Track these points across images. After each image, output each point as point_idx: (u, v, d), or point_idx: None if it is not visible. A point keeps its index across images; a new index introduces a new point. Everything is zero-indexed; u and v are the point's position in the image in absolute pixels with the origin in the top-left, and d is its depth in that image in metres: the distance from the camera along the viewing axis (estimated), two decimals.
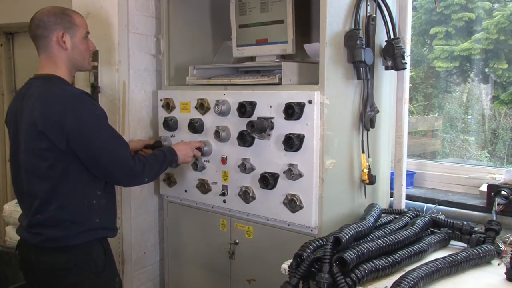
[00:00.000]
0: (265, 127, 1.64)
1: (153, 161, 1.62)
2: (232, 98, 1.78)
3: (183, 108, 1.96)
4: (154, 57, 2.14)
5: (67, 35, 1.49)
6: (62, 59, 1.50)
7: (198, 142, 1.82)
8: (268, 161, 1.69)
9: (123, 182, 1.58)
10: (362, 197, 1.76)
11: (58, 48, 1.49)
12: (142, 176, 1.56)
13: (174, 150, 1.74)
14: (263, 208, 1.72)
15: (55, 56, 1.49)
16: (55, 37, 1.48)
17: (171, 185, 2.05)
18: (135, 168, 1.52)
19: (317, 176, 1.58)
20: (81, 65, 1.55)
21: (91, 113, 1.45)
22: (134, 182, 1.60)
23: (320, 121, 1.56)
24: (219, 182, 1.86)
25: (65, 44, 1.49)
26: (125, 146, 1.52)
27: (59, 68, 1.50)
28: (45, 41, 1.49)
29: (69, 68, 1.52)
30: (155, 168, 1.63)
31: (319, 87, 1.56)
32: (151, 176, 1.62)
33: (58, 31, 1.48)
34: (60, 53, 1.49)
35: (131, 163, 1.51)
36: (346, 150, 1.69)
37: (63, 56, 1.50)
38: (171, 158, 1.71)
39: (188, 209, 2.02)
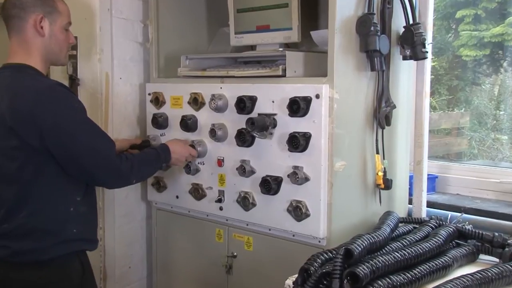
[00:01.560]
0: (266, 124, 1.67)
1: (143, 160, 1.63)
2: (229, 92, 1.82)
3: (174, 103, 1.99)
4: (141, 46, 2.18)
5: (46, 20, 1.48)
6: (37, 46, 1.49)
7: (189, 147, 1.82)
8: (270, 163, 1.72)
9: (108, 183, 1.58)
10: (377, 204, 1.79)
11: (33, 33, 1.48)
12: (130, 176, 1.56)
13: (168, 148, 1.74)
14: (264, 216, 1.76)
15: (29, 42, 1.47)
16: (32, 20, 1.47)
17: (161, 190, 2.08)
18: (122, 167, 1.51)
19: (325, 180, 1.61)
20: (57, 57, 1.54)
21: (69, 106, 1.43)
22: (120, 183, 1.60)
23: (329, 118, 1.60)
24: (214, 187, 1.89)
25: (43, 30, 1.48)
26: (109, 143, 1.52)
27: (32, 57, 1.49)
28: (20, 23, 1.47)
29: (44, 58, 1.51)
30: (145, 168, 1.63)
31: (327, 80, 1.60)
32: (140, 177, 1.63)
33: (36, 14, 1.47)
34: (35, 39, 1.48)
35: (116, 161, 1.50)
36: (358, 150, 1.73)
37: (38, 43, 1.49)
38: (164, 158, 1.72)
39: (179, 218, 2.06)
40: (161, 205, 2.13)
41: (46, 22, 1.49)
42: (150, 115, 2.06)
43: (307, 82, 1.64)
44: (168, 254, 2.13)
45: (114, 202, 2.13)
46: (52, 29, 1.50)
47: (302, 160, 1.64)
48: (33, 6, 1.47)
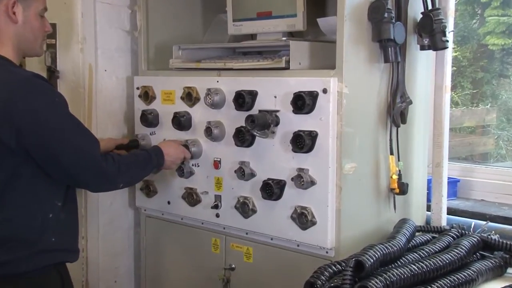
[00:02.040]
0: (268, 122, 1.71)
1: (132, 162, 1.65)
2: (227, 86, 1.86)
3: (165, 98, 2.04)
4: (129, 34, 2.21)
5: (19, 5, 1.49)
6: (9, 34, 1.50)
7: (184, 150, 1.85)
8: (272, 165, 1.76)
9: (91, 185, 1.58)
10: (391, 210, 1.84)
11: (5, 19, 1.49)
12: (117, 179, 1.57)
13: (161, 150, 1.76)
14: (266, 224, 1.80)
15: (0, 29, 1.49)
16: (4, 5, 1.47)
17: (151, 195, 2.13)
18: (107, 169, 1.52)
19: (333, 184, 1.66)
20: (31, 46, 1.54)
21: (48, 100, 1.43)
22: (105, 186, 1.61)
23: (338, 115, 1.64)
24: (210, 192, 1.94)
25: (15, 16, 1.49)
26: (93, 141, 1.54)
27: (4, 45, 1.49)
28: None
29: (16, 48, 1.51)
30: (134, 171, 1.65)
31: (336, 73, 1.64)
32: (128, 181, 1.65)
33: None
34: (7, 26, 1.49)
35: (101, 162, 1.51)
36: (370, 151, 1.77)
37: (11, 30, 1.50)
38: (157, 161, 1.74)
39: (171, 226, 2.10)
40: (151, 212, 2.17)
41: (19, 7, 1.49)
42: (138, 112, 2.10)
43: (313, 75, 1.68)
44: (159, 267, 2.17)
45: (98, 208, 2.17)
46: (26, 15, 1.50)
47: (307, 161, 1.68)
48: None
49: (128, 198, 2.27)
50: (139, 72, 2.17)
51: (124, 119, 2.23)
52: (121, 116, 2.23)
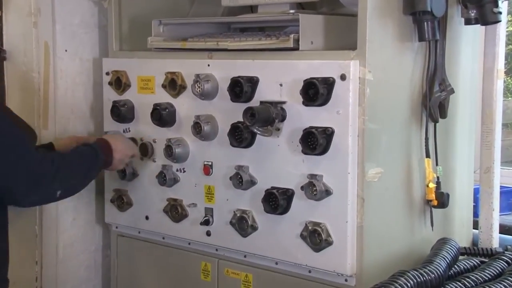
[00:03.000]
0: (272, 117, 1.76)
1: (74, 160, 1.62)
2: (220, 71, 1.91)
3: (143, 86, 2.09)
4: (96, 5, 2.26)
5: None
6: None
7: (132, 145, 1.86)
8: (277, 170, 1.82)
9: (19, 192, 1.49)
10: (427, 227, 1.89)
11: None
12: (53, 182, 1.53)
13: (109, 145, 1.76)
14: (269, 244, 1.85)
15: None
16: None
17: (124, 209, 2.19)
18: (41, 167, 1.48)
19: (354, 194, 1.71)
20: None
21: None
22: (37, 194, 1.53)
23: (359, 108, 1.69)
24: (199, 204, 2.00)
25: None
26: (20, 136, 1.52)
27: None
28: None
29: None
30: (76, 171, 1.61)
31: (357, 54, 1.68)
32: (68, 188, 1.59)
33: None
34: None
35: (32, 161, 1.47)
36: (400, 153, 1.83)
37: None
38: (104, 160, 1.72)
39: (150, 247, 2.15)
40: (124, 230, 2.23)
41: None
42: (108, 104, 2.15)
43: (329, 57, 1.73)
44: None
45: (56, 226, 2.22)
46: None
47: (321, 166, 1.73)
48: None
49: (96, 212, 2.33)
50: (109, 53, 2.23)
51: (90, 113, 2.29)
52: (86, 109, 2.28)
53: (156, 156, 2.09)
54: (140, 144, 2.10)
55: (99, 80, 2.24)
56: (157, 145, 2.08)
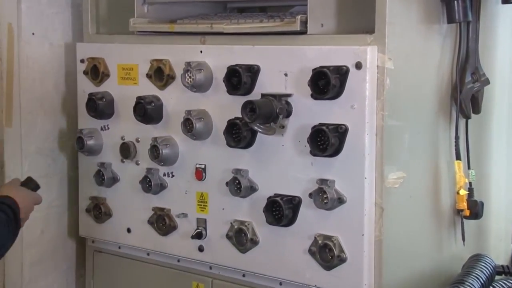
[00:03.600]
0: (275, 112, 1.77)
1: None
2: (215, 58, 1.92)
3: (124, 76, 2.11)
4: None
5: None
6: None
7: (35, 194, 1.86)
8: (282, 174, 1.83)
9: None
10: (458, 242, 1.91)
11: None
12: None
13: (14, 201, 1.77)
14: (272, 261, 1.86)
15: None
16: None
17: (102, 220, 2.20)
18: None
19: (372, 203, 1.72)
20: None
21: None
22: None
23: (377, 102, 1.70)
24: (190, 214, 2.01)
25: None
26: None
27: None
28: None
29: None
30: None
31: (375, 39, 1.70)
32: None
33: None
34: None
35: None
36: (426, 154, 1.84)
37: None
38: (15, 219, 1.74)
39: (133, 265, 2.17)
40: (102, 245, 2.24)
41: None
42: (83, 96, 2.17)
43: (342, 42, 1.74)
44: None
45: (22, 240, 2.21)
46: None
47: (333, 169, 1.74)
48: None
49: (68, 223, 2.34)
50: (84, 36, 2.24)
51: (61, 107, 2.31)
52: (57, 102, 2.30)
53: (140, 158, 2.10)
54: (121, 144, 2.12)
55: (72, 68, 2.26)
56: (141, 145, 2.09)
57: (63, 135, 2.34)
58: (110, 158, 2.18)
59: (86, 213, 2.23)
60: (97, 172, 2.18)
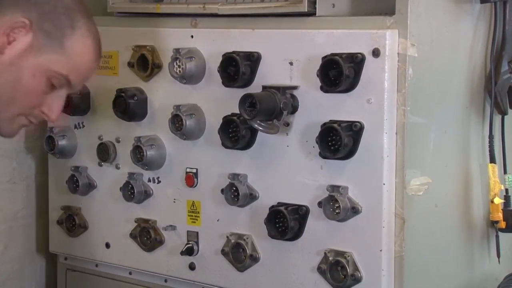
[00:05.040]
0: (279, 107, 1.78)
1: None
2: (208, 45, 1.94)
3: (101, 65, 2.09)
4: None
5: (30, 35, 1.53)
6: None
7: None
8: (286, 180, 1.85)
9: None
10: (491, 258, 1.93)
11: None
12: None
13: None
14: (275, 280, 1.88)
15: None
16: (8, 19, 1.51)
17: (75, 233, 2.22)
18: None
19: (391, 213, 1.73)
20: None
21: None
22: None
23: (398, 95, 1.71)
24: (180, 226, 2.03)
25: (8, 46, 1.53)
26: None
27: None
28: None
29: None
30: None
31: (395, 21, 1.71)
32: None
33: (22, 14, 1.51)
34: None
35: None
36: (454, 156, 1.86)
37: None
38: None
39: (112, 285, 2.19)
40: (76, 262, 2.26)
41: (26, 37, 1.54)
42: None
43: (357, 25, 1.76)
44: None
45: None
46: (27, 56, 1.55)
47: (346, 174, 1.76)
48: (28, 0, 1.52)
49: (36, 237, 2.37)
50: None
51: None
52: None
53: (120, 161, 2.13)
54: (99, 145, 2.13)
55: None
56: (122, 145, 2.11)
57: (30, 134, 2.36)
58: (85, 161, 2.20)
59: (57, 225, 2.25)
60: (70, 178, 2.19)
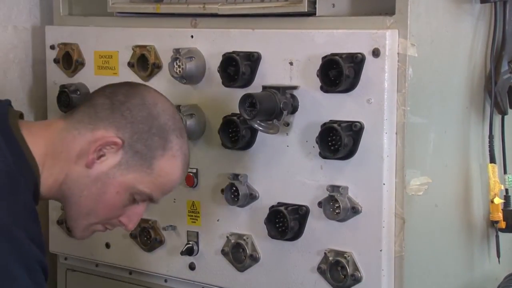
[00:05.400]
0: (279, 107, 1.78)
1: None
2: (208, 45, 1.95)
3: (102, 65, 2.13)
4: None
5: (117, 155, 1.57)
6: (68, 169, 1.59)
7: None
8: (286, 180, 1.85)
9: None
10: (491, 259, 1.93)
11: (78, 153, 1.58)
12: None
13: None
14: (274, 280, 1.88)
15: (64, 151, 1.59)
16: (100, 134, 1.57)
17: None
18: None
19: (391, 213, 1.74)
20: (74, 212, 1.62)
21: None
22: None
23: (398, 95, 1.71)
24: (180, 226, 2.04)
25: (96, 161, 1.57)
26: None
27: (50, 169, 1.58)
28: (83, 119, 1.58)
29: (58, 187, 1.60)
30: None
31: (395, 21, 1.71)
32: None
33: (114, 131, 1.56)
34: (73, 163, 1.58)
35: None
36: (454, 156, 1.86)
37: (73, 169, 1.59)
38: None
39: (112, 285, 2.19)
40: (77, 262, 2.27)
41: (116, 155, 1.58)
42: (54, 89, 2.19)
43: (357, 25, 1.76)
44: None
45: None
46: (111, 174, 1.58)
47: (346, 174, 1.76)
48: (123, 117, 1.57)
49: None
50: (54, 19, 2.26)
51: (28, 101, 2.34)
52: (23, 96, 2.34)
53: None
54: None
55: (40, 56, 2.28)
56: None
57: None
58: None
59: (57, 225, 2.26)
60: None
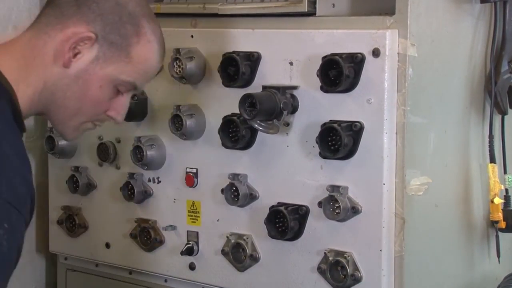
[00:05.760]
0: (279, 107, 1.79)
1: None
2: (208, 45, 1.95)
3: None
4: None
5: (92, 49, 1.53)
6: (43, 75, 1.56)
7: None
8: (286, 180, 1.86)
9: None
10: (491, 259, 1.93)
11: (54, 53, 1.54)
12: None
13: None
14: (274, 280, 1.89)
15: (36, 59, 1.55)
16: (70, 32, 1.53)
17: (76, 233, 2.23)
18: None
19: (391, 213, 1.74)
20: (63, 116, 1.59)
21: None
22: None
23: (398, 95, 1.72)
24: (180, 226, 2.04)
25: (73, 59, 1.54)
26: None
27: (24, 83, 1.54)
28: (53, 20, 1.54)
29: (39, 98, 1.56)
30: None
31: (395, 21, 1.72)
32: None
33: (86, 26, 1.52)
34: (50, 64, 1.55)
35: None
36: (454, 156, 1.87)
37: (50, 73, 1.55)
38: None
39: (112, 285, 2.20)
40: (76, 262, 2.27)
41: (89, 51, 1.55)
42: None
43: (357, 25, 1.77)
44: None
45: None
46: (90, 69, 1.55)
47: (346, 174, 1.77)
48: (91, 11, 1.52)
49: (36, 237, 2.38)
50: None
51: None
52: None
53: (121, 161, 2.13)
54: (99, 145, 2.14)
55: None
56: (122, 146, 2.12)
57: (30, 134, 2.37)
58: (85, 161, 2.21)
59: (57, 225, 2.26)
60: (71, 178, 2.20)
